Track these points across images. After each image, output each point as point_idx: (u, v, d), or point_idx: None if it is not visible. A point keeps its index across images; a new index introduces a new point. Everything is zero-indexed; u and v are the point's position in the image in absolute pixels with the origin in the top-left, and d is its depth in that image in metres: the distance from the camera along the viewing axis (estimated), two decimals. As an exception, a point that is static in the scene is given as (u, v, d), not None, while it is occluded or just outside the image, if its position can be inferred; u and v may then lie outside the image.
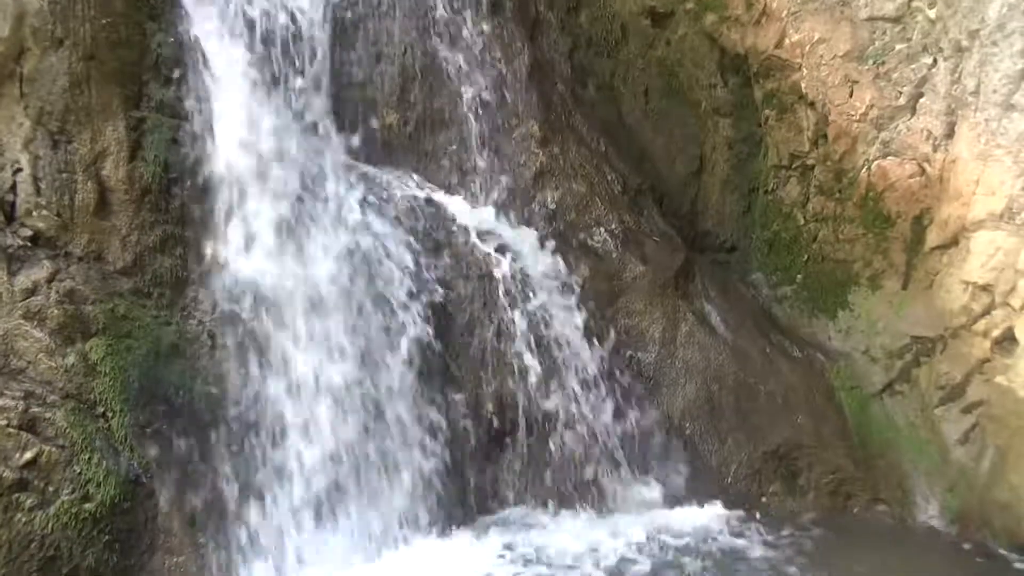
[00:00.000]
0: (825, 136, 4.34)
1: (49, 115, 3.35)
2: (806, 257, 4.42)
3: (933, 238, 4.05)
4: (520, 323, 3.97)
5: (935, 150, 4.05)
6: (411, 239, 3.89)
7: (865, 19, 4.16)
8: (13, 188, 3.31)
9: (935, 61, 4.04)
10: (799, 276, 4.44)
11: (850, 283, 4.29)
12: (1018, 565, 3.56)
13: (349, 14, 4.01)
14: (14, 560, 2.82)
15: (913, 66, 4.09)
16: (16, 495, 2.88)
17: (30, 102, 3.33)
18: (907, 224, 4.13)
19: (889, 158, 4.18)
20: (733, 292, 4.47)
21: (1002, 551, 3.64)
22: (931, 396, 3.97)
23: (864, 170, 4.24)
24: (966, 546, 3.71)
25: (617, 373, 4.03)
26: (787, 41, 4.35)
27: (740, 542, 3.67)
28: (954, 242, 3.98)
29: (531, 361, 3.93)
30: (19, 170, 3.33)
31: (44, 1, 3.28)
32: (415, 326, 3.77)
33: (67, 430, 3.03)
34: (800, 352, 4.29)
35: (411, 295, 3.79)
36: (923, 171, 4.09)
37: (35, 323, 3.17)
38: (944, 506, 3.86)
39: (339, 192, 3.80)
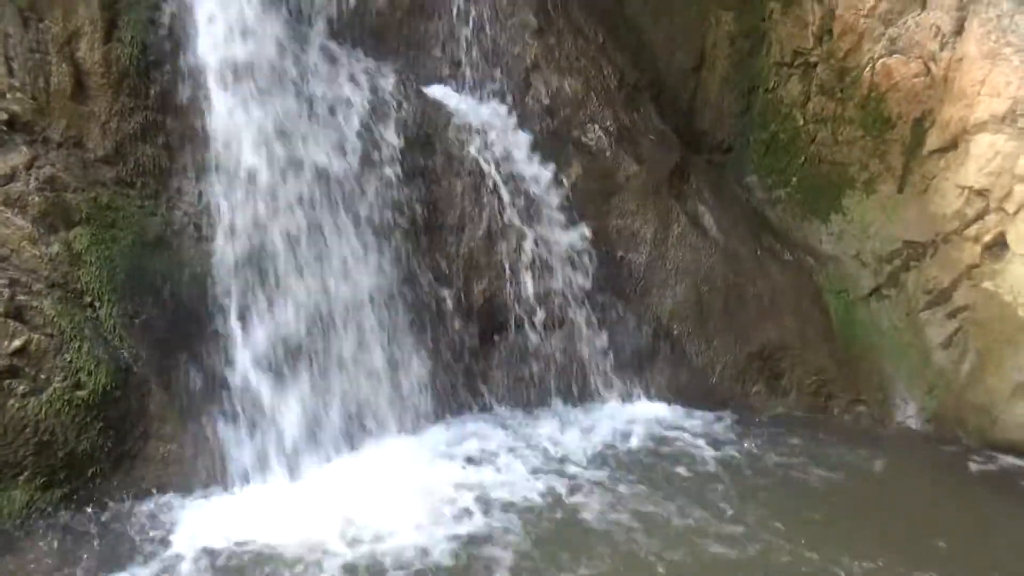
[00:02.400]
0: (830, 32, 4.19)
1: (17, -10, 3.16)
2: (803, 159, 4.36)
3: (933, 141, 3.98)
4: (510, 221, 3.92)
5: (942, 48, 3.93)
6: (401, 131, 3.78)
7: (882, -96, 3.95)
8: (-16, 68, 3.17)
9: (952, -50, 3.86)
10: (794, 179, 4.39)
11: (845, 186, 4.25)
12: (987, 465, 3.68)
13: None
14: (9, 444, 2.86)
15: (928, -44, 3.92)
16: (8, 381, 2.89)
17: (-4, -25, 3.14)
18: (907, 126, 4.06)
19: (895, 56, 4.05)
20: (727, 194, 4.43)
21: (974, 448, 3.76)
22: (917, 301, 4.01)
23: (868, 69, 4.13)
24: (940, 445, 3.83)
25: (607, 273, 4.02)
26: (798, -73, 4.14)
27: (722, 438, 3.77)
28: (953, 145, 3.92)
29: (521, 259, 3.91)
30: (-11, 49, 3.17)
31: None
32: (403, 219, 3.72)
33: (55, 319, 3.01)
34: (791, 255, 4.29)
35: (400, 188, 3.73)
36: (928, 71, 3.98)
37: (16, 210, 3.09)
38: (922, 407, 3.96)
39: (325, 79, 3.65)
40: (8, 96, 3.19)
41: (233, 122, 3.45)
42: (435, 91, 3.97)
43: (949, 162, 3.93)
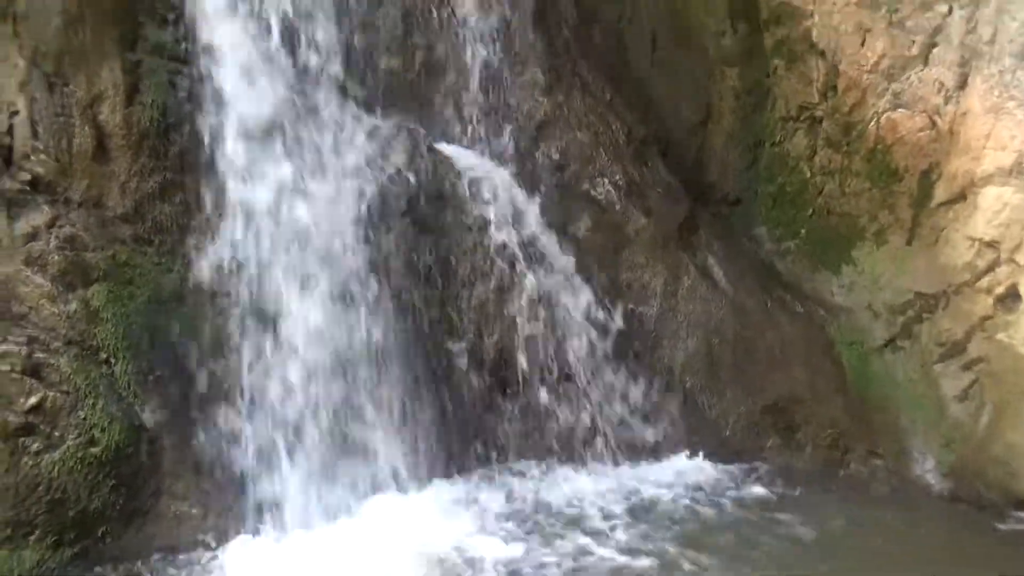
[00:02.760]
0: (835, 87, 4.26)
1: (44, 56, 3.28)
2: (811, 211, 4.39)
3: (940, 193, 4.01)
4: (520, 275, 3.95)
5: (946, 102, 3.98)
6: (413, 187, 3.85)
7: (881, -36, 4.05)
8: (10, 131, 3.26)
9: (950, 9, 3.94)
10: (803, 230, 4.41)
11: (855, 238, 4.26)
12: (1009, 523, 3.61)
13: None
14: (22, 503, 2.87)
15: (928, 14, 3.99)
16: (22, 439, 2.91)
17: (24, 42, 3.26)
18: (914, 179, 4.09)
19: (899, 110, 4.11)
20: (736, 246, 4.45)
21: (995, 505, 3.69)
22: (931, 352, 3.99)
23: (873, 123, 4.18)
24: (959, 501, 3.76)
25: (618, 326, 4.03)
26: (800, -14, 4.24)
27: (737, 495, 3.72)
28: (961, 197, 3.94)
29: (531, 312, 3.93)
30: (16, 112, 3.27)
31: (35, -63, 3.19)
32: (414, 273, 3.76)
33: (71, 376, 3.05)
34: (801, 307, 4.29)
35: (411, 243, 3.78)
36: (933, 124, 4.03)
37: (36, 268, 3.16)
38: (940, 461, 3.90)
39: (338, 138, 3.74)
40: (32, 158, 3.29)
41: (249, 180, 3.53)
42: (446, 148, 4.04)
43: (958, 214, 3.95)
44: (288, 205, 3.58)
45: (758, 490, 3.77)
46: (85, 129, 3.34)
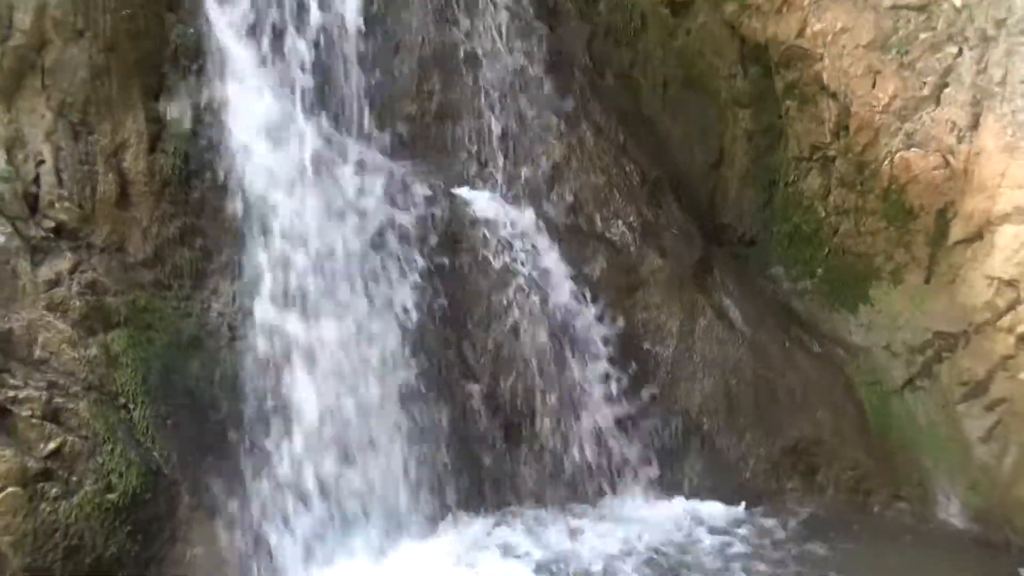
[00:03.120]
0: (847, 127, 4.28)
1: (70, 106, 3.36)
2: (827, 250, 4.37)
3: (957, 232, 3.99)
4: (536, 316, 3.96)
5: (960, 142, 3.98)
6: (430, 230, 3.89)
7: (889, 7, 4.08)
8: (36, 180, 3.33)
9: (960, 51, 3.96)
10: (819, 270, 4.39)
11: (871, 277, 4.24)
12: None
13: (369, 7, 3.99)
14: (39, 549, 2.86)
15: (938, 56, 4.02)
16: (40, 485, 2.91)
17: (51, 94, 3.35)
18: (930, 217, 4.07)
19: (912, 150, 4.11)
20: (752, 286, 4.44)
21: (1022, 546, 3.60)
22: (953, 392, 3.93)
23: (887, 162, 4.18)
24: (986, 544, 3.68)
25: (635, 367, 4.01)
26: (809, 30, 4.28)
27: (758, 538, 3.65)
28: (978, 236, 3.92)
29: (547, 353, 3.92)
30: (42, 162, 3.35)
31: (65, -7, 3.29)
32: (431, 315, 3.77)
33: (90, 421, 3.06)
34: (819, 347, 4.26)
35: (428, 285, 3.80)
36: (947, 163, 4.02)
37: (58, 314, 3.20)
38: (965, 504, 3.82)
39: (356, 184, 3.80)
40: (57, 205, 3.35)
41: (267, 225, 3.58)
42: (462, 191, 4.09)
43: (975, 252, 3.93)
44: (306, 249, 3.63)
45: (779, 534, 3.70)
46: (109, 176, 3.41)
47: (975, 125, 3.94)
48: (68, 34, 3.33)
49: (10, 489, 2.86)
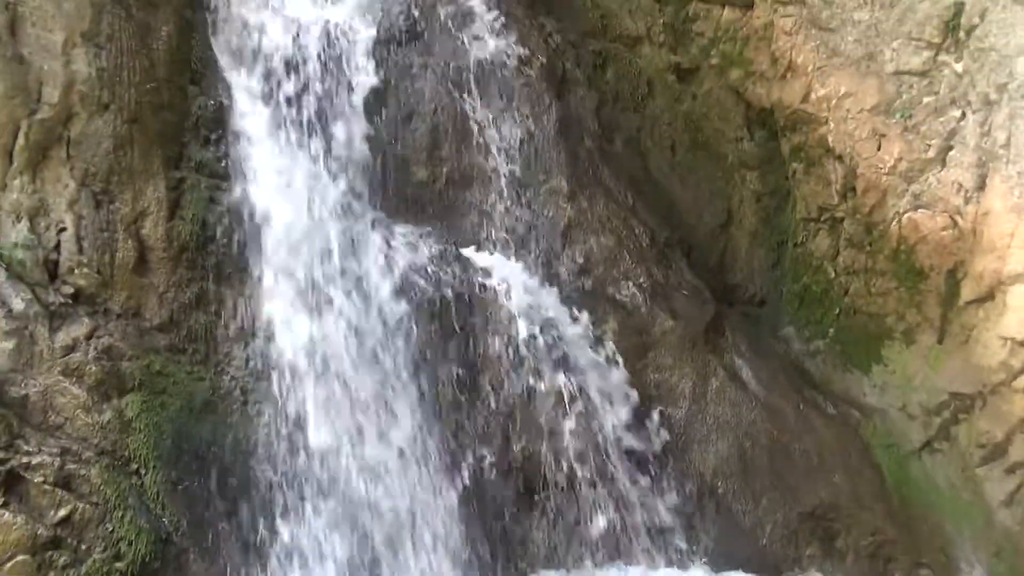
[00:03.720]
0: (854, 189, 4.32)
1: (93, 176, 3.47)
2: (838, 311, 4.37)
3: (968, 292, 3.99)
4: (548, 379, 3.95)
5: (967, 203, 4.01)
6: (441, 293, 3.92)
7: (891, 73, 4.17)
8: (57, 247, 3.42)
9: (964, 114, 4.03)
10: (831, 330, 4.38)
11: (884, 337, 4.22)
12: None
13: (383, 76, 4.12)
14: (46, 619, 2.83)
15: (942, 119, 4.08)
16: (50, 553, 2.90)
17: (75, 164, 3.45)
18: (941, 277, 4.08)
19: (920, 211, 4.14)
20: (764, 346, 4.42)
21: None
22: (972, 455, 3.87)
23: (895, 223, 4.21)
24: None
25: (647, 429, 3.98)
26: (813, 96, 4.37)
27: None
28: (990, 296, 3.92)
29: (559, 417, 3.90)
30: (63, 229, 3.43)
31: (93, 68, 3.43)
32: (442, 378, 3.78)
33: (101, 487, 3.06)
34: (834, 408, 4.21)
35: (439, 348, 3.81)
36: (955, 224, 4.05)
37: (74, 379, 3.23)
38: (990, 572, 3.72)
39: (371, 247, 3.85)
40: (76, 272, 3.42)
41: (280, 289, 3.63)
42: (473, 254, 4.14)
43: (988, 313, 3.92)
44: (318, 313, 3.66)
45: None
46: (128, 243, 3.48)
47: (982, 186, 3.97)
48: (94, 107, 3.46)
49: (20, 557, 2.84)
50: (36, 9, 3.36)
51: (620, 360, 4.07)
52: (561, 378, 3.95)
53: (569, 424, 3.89)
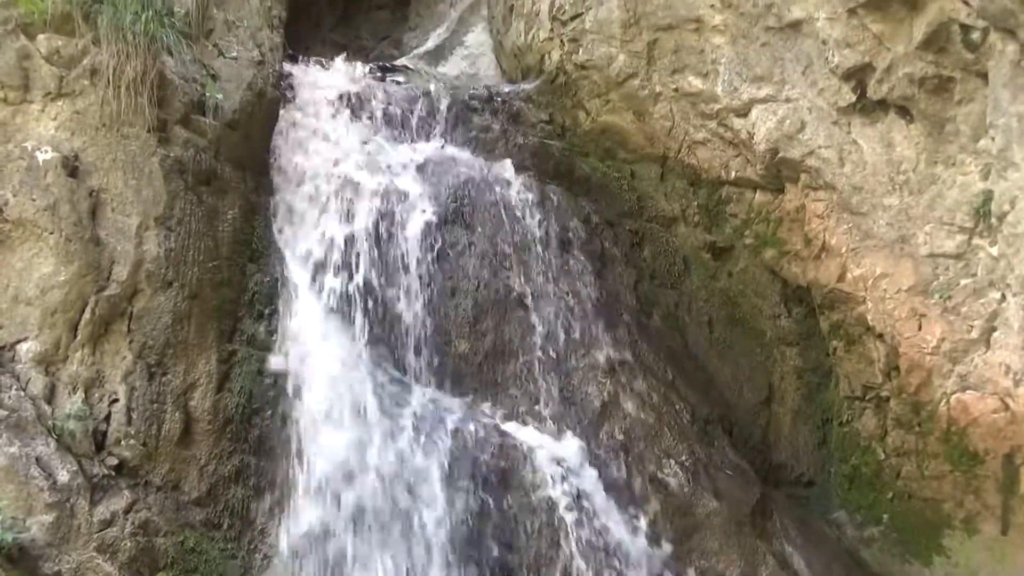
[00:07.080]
0: (897, 368, 4.26)
1: (150, 349, 3.59)
2: (891, 494, 4.19)
3: (1029, 480, 3.81)
4: (587, 562, 3.78)
5: (1017, 385, 3.91)
6: (480, 468, 3.87)
7: (926, 255, 4.19)
8: (107, 418, 3.49)
9: (1004, 296, 4.01)
10: (885, 515, 4.18)
11: (943, 525, 4.01)
12: None
13: (429, 256, 4.32)
14: None
15: (982, 301, 4.06)
16: None
17: (135, 337, 3.59)
18: (997, 462, 3.92)
19: (968, 392, 4.05)
20: (815, 532, 4.22)
21: None
22: (1052, 663, 3.54)
23: (943, 404, 4.11)
24: None
25: (695, 623, 3.74)
26: (849, 275, 4.41)
27: None
28: (1053, 485, 3.74)
29: (601, 604, 3.70)
30: (115, 400, 3.52)
31: (162, 249, 3.64)
32: (481, 561, 3.64)
33: (122, 675, 2.93)
34: (895, 603, 3.94)
35: (476, 525, 3.71)
36: (1007, 407, 3.94)
37: (107, 556, 3.19)
38: None
39: (412, 423, 3.87)
40: (123, 443, 3.47)
41: (320, 464, 3.62)
42: (513, 428, 4.11)
43: (1053, 502, 3.72)
44: (359, 483, 3.62)
45: None
46: (175, 415, 3.55)
47: (1030, 368, 3.89)
48: (159, 284, 3.64)
49: None
50: (117, 196, 3.64)
51: (663, 544, 3.90)
52: (599, 563, 3.78)
53: (610, 613, 3.68)
